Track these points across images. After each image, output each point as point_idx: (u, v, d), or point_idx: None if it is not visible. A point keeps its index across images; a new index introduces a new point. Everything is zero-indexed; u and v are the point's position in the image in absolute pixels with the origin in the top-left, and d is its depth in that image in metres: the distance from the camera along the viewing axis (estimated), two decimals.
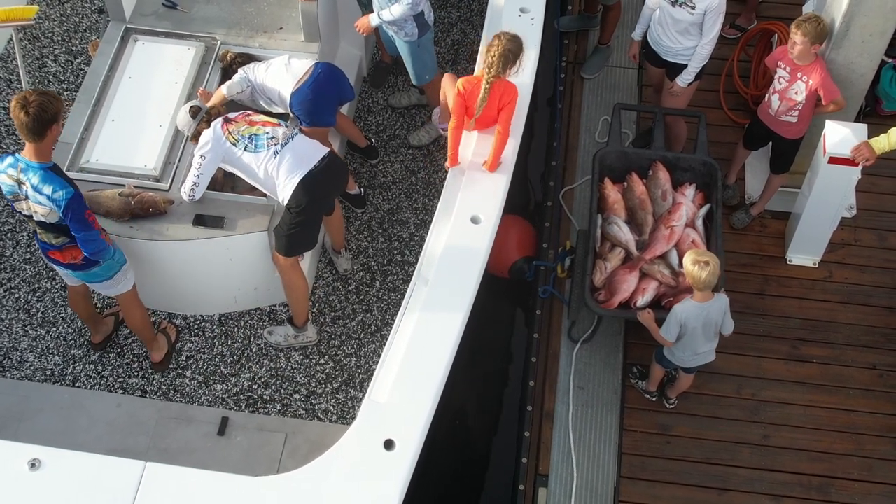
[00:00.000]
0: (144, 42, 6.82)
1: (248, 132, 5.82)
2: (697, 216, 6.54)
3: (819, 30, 6.10)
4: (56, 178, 5.26)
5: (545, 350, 6.76)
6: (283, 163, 5.75)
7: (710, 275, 5.50)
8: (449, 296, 5.25)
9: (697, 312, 5.70)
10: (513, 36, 5.70)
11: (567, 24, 8.35)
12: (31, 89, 5.16)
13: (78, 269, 5.70)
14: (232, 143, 5.80)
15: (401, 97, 7.66)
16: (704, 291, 5.63)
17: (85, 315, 6.33)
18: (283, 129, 5.89)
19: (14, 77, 7.61)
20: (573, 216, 7.32)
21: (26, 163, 5.25)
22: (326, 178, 5.87)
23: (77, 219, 5.33)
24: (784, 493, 6.20)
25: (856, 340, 6.76)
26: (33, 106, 5.03)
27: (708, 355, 6.00)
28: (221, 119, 5.90)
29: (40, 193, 5.25)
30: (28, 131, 5.10)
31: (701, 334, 5.79)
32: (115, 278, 5.83)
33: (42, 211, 5.34)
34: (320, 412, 6.27)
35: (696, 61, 6.61)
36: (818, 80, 6.22)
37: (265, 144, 5.78)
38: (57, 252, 5.61)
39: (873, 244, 7.17)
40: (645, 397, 6.50)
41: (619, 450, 6.36)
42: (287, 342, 6.47)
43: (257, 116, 5.96)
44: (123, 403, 6.23)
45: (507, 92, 5.75)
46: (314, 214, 5.98)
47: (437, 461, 5.87)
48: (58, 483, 4.71)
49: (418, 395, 4.94)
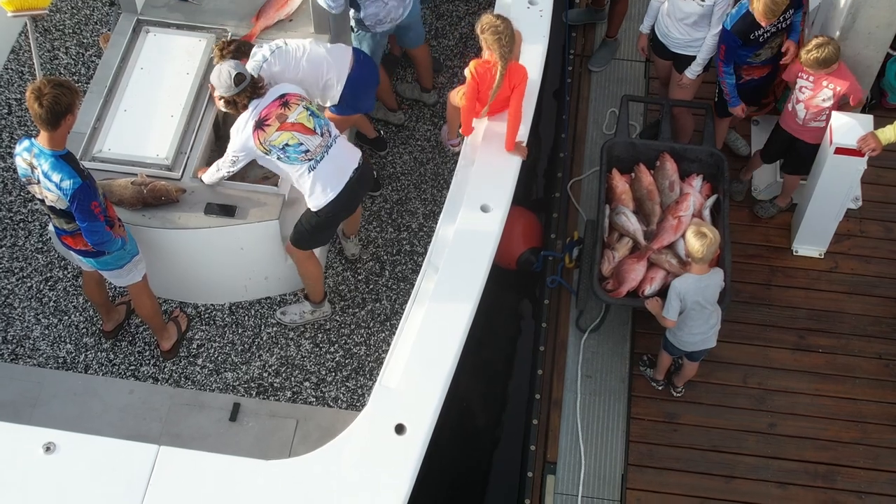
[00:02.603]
0: (156, 34, 6.87)
1: (279, 142, 5.57)
2: (705, 207, 6.59)
3: (833, 53, 6.22)
4: (66, 168, 5.31)
5: (553, 339, 6.81)
6: (318, 178, 5.66)
7: (709, 246, 5.59)
8: (459, 282, 5.30)
9: (696, 286, 5.77)
10: (496, 15, 5.66)
11: (575, 17, 8.40)
12: (45, 79, 5.20)
13: (89, 255, 5.76)
14: (264, 152, 5.66)
15: (406, 88, 7.71)
16: (701, 264, 5.71)
17: (98, 301, 6.39)
18: (318, 139, 5.64)
19: (26, 69, 7.68)
20: (581, 207, 7.38)
21: (39, 148, 5.31)
22: (359, 187, 5.90)
23: (81, 209, 5.38)
24: (790, 481, 6.25)
25: (861, 330, 6.81)
26: (47, 98, 5.08)
27: (709, 339, 6.06)
28: (253, 124, 5.59)
29: (49, 180, 5.31)
30: (42, 121, 5.16)
31: (699, 311, 5.85)
32: (124, 268, 5.88)
33: (51, 197, 5.40)
34: (330, 400, 6.32)
35: (704, 52, 6.65)
36: (846, 85, 6.28)
37: (299, 159, 5.61)
38: (69, 237, 5.67)
39: (879, 235, 7.21)
40: (652, 385, 6.55)
41: (627, 438, 6.42)
42: (303, 318, 6.53)
43: (292, 115, 5.61)
44: (136, 390, 6.28)
45: (516, 73, 5.74)
46: (340, 220, 6.07)
47: (446, 448, 5.91)
48: (72, 466, 4.76)
49: (429, 380, 4.99)
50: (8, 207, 7.02)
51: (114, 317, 6.52)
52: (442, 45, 8.04)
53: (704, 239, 5.59)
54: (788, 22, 6.41)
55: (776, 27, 6.38)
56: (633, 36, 8.00)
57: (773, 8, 6.10)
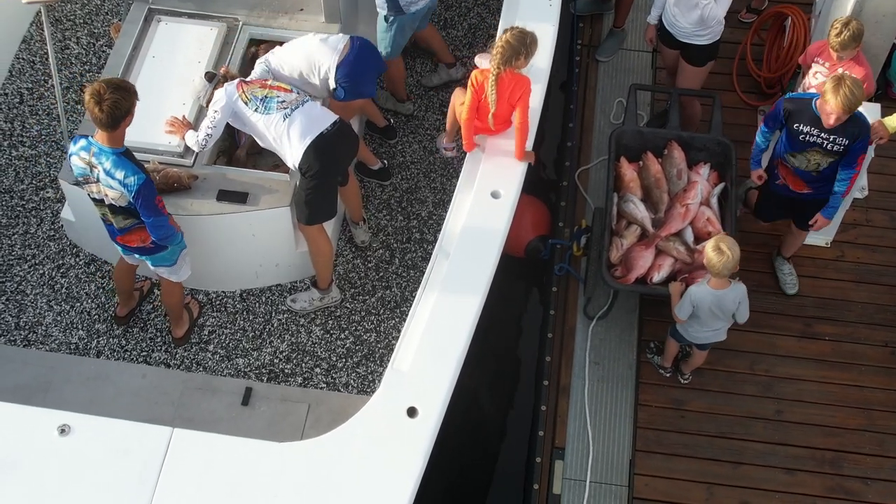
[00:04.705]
0: (167, 22, 6.92)
1: (261, 94, 5.94)
2: (712, 195, 6.63)
3: (858, 31, 6.05)
4: (128, 164, 5.39)
5: (561, 326, 6.86)
6: (293, 126, 5.86)
7: (725, 264, 5.58)
8: (470, 267, 5.34)
9: (710, 299, 5.80)
10: (521, 30, 5.69)
11: (582, 8, 8.43)
12: (105, 81, 5.26)
13: (146, 252, 5.84)
14: (244, 101, 5.93)
15: (431, 77, 7.75)
16: (719, 278, 5.72)
17: (125, 289, 6.47)
18: (294, 94, 6.00)
19: (37, 59, 7.72)
20: (588, 196, 7.42)
21: (99, 147, 5.37)
22: (337, 141, 5.98)
23: (147, 204, 5.47)
24: (797, 467, 6.30)
25: (868, 318, 6.86)
26: (107, 103, 5.18)
27: (719, 334, 6.10)
28: (238, 79, 6.08)
29: (112, 178, 5.38)
30: (101, 124, 5.26)
31: (712, 317, 5.90)
32: (177, 263, 5.97)
33: (113, 194, 5.47)
34: (341, 385, 6.37)
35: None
36: (862, 74, 6.19)
37: (275, 108, 5.90)
38: (125, 235, 5.73)
39: (885, 224, 7.26)
40: (659, 373, 6.60)
41: (635, 424, 6.47)
42: (312, 305, 6.59)
43: (273, 82, 6.09)
44: (149, 374, 6.33)
45: (518, 86, 5.75)
46: (328, 178, 6.07)
47: (455, 434, 5.95)
48: (87, 448, 4.81)
49: (440, 363, 5.04)
50: (20, 195, 7.07)
51: (129, 303, 6.58)
52: (451, 36, 8.07)
53: (722, 256, 5.57)
54: (836, 148, 5.89)
55: (823, 140, 5.89)
56: (641, 26, 8.04)
57: (843, 106, 5.58)
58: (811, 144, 5.95)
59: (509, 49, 5.62)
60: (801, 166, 6.10)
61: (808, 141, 5.94)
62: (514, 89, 5.75)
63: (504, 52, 5.62)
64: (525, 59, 5.70)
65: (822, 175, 6.10)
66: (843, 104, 5.58)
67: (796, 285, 6.93)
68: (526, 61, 5.72)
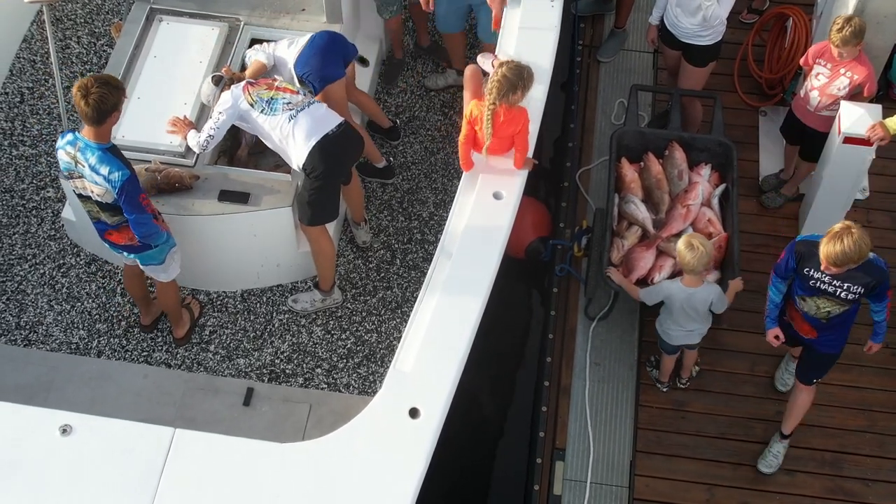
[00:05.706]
0: (169, 22, 6.93)
1: (266, 95, 5.96)
2: (713, 195, 6.64)
3: (860, 27, 6.06)
4: (113, 160, 5.37)
5: (562, 327, 6.86)
6: (298, 127, 5.88)
7: (699, 259, 5.61)
8: (472, 268, 5.32)
9: (681, 295, 5.85)
10: (517, 64, 5.35)
11: (584, 8, 8.44)
12: (93, 77, 5.25)
13: (134, 251, 5.82)
14: (250, 104, 5.94)
15: (437, 79, 7.74)
16: (693, 275, 5.75)
17: (138, 295, 6.44)
18: (300, 96, 6.05)
19: (38, 58, 7.72)
20: (589, 196, 7.42)
21: (85, 142, 5.35)
22: (342, 143, 5.99)
23: (130, 201, 5.44)
24: (797, 468, 6.30)
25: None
26: (93, 97, 5.15)
27: (693, 336, 6.14)
28: (245, 82, 6.09)
29: (97, 174, 5.36)
30: (87, 118, 5.24)
31: (684, 315, 5.94)
32: (165, 262, 5.94)
33: (98, 191, 5.45)
34: (342, 386, 6.37)
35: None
36: (864, 74, 6.22)
37: (281, 109, 5.92)
38: (113, 232, 5.71)
39: (885, 226, 7.26)
40: (657, 387, 6.59)
41: (635, 424, 6.47)
42: (314, 307, 6.59)
43: (280, 82, 6.12)
44: (150, 374, 6.34)
45: (515, 120, 5.46)
46: (331, 180, 6.08)
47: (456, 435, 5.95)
48: (89, 448, 4.79)
49: (442, 364, 5.02)
50: (21, 195, 7.07)
51: (152, 310, 6.55)
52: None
53: (695, 251, 5.60)
54: (849, 296, 5.37)
55: (836, 288, 5.35)
56: (642, 26, 8.05)
57: (837, 257, 5.05)
58: (821, 292, 5.42)
59: (506, 84, 5.29)
60: (809, 312, 5.55)
61: (819, 288, 5.40)
62: (510, 124, 5.46)
63: (500, 87, 5.29)
64: (522, 93, 5.36)
65: (831, 323, 5.58)
66: (840, 254, 5.04)
67: None
68: (523, 95, 5.38)
